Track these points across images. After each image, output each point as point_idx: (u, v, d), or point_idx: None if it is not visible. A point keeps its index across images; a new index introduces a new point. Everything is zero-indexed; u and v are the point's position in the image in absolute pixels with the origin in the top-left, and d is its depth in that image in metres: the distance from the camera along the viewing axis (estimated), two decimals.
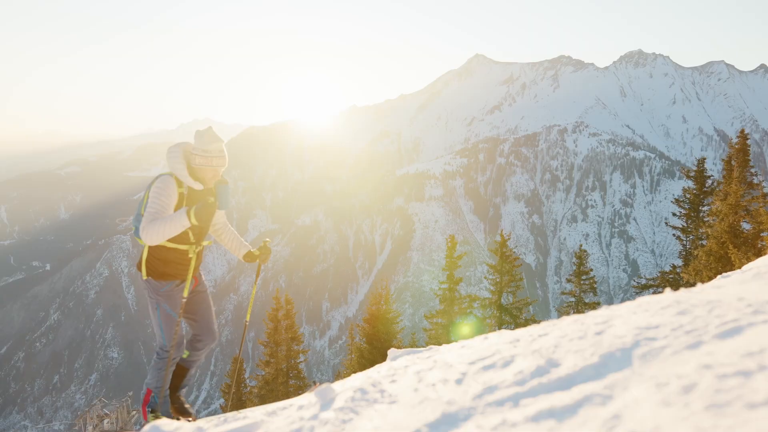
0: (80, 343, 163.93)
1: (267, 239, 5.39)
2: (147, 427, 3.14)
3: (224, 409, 25.99)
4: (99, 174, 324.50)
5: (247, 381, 26.63)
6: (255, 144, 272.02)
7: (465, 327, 19.32)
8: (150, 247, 4.85)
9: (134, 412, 29.13)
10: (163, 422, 3.28)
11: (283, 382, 23.62)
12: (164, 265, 4.83)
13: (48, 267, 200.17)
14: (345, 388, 2.94)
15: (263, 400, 23.09)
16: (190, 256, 4.87)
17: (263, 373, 24.01)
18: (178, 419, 5.18)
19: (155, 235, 4.50)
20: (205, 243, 5.06)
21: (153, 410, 5.09)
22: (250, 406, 22.79)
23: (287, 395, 22.84)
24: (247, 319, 6.18)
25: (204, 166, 4.78)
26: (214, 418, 3.71)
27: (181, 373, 5.41)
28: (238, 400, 25.43)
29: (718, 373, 1.49)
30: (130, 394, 30.29)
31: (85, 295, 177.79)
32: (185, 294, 4.91)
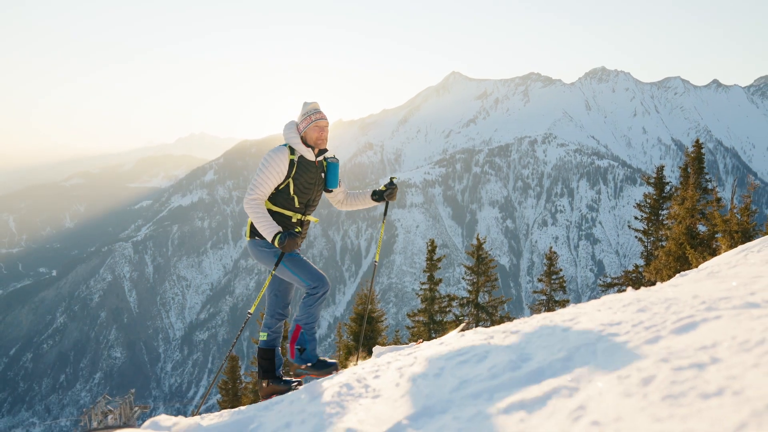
0: (85, 344, 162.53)
1: (394, 176, 5.19)
2: (147, 422, 3.11)
3: (221, 404, 25.84)
4: (102, 185, 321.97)
5: (242, 377, 26.44)
6: (248, 156, 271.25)
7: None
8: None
9: (137, 408, 28.83)
10: (162, 418, 3.26)
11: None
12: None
13: (54, 273, 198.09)
14: (332, 383, 2.95)
15: (258, 395, 22.94)
16: (294, 221, 4.74)
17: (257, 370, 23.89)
18: (326, 363, 4.98)
19: (250, 215, 4.54)
20: (311, 218, 4.92)
21: (301, 348, 4.88)
22: (246, 402, 22.66)
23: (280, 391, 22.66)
24: (377, 259, 6.08)
25: (307, 126, 4.64)
26: (212, 414, 3.69)
27: (269, 356, 5.17)
28: (234, 396, 25.29)
29: (675, 365, 1.51)
30: (133, 391, 30.01)
31: (89, 299, 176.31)
32: (273, 269, 4.79)
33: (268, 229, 4.47)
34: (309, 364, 4.87)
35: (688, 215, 18.47)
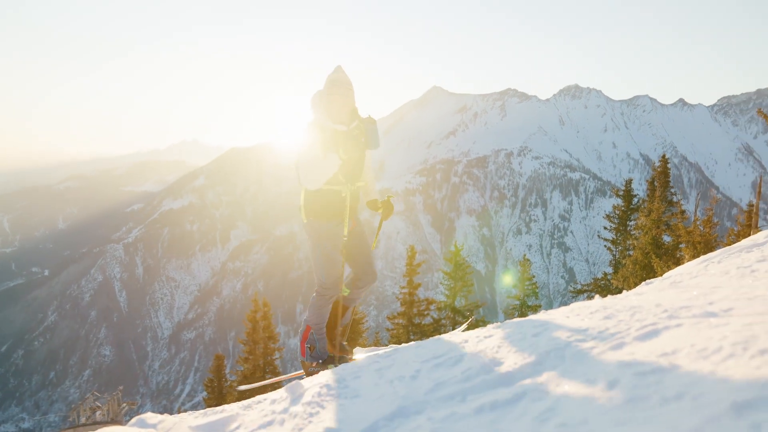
0: (75, 342, 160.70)
1: (391, 195, 4.99)
2: (134, 420, 3.08)
3: (207, 402, 25.62)
4: (95, 188, 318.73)
5: (228, 376, 26.23)
6: (238, 162, 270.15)
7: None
8: (305, 191, 4.67)
9: (124, 404, 28.47)
10: (148, 415, 3.23)
11: (261, 376, 23.34)
12: (321, 207, 4.60)
13: (46, 273, 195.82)
14: (313, 384, 2.94)
15: (242, 393, 22.80)
16: (343, 195, 4.60)
17: (242, 369, 23.73)
18: (334, 357, 4.91)
19: (311, 179, 4.44)
20: (360, 184, 4.74)
21: (311, 346, 4.86)
22: (231, 399, 22.44)
23: (264, 389, 22.57)
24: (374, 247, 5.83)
25: (330, 96, 4.47)
26: (196, 412, 3.66)
27: (341, 311, 5.09)
28: (219, 394, 25.09)
29: (637, 371, 1.53)
30: (121, 388, 29.63)
31: (80, 298, 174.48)
32: (345, 233, 4.66)
33: (327, 157, 4.46)
34: (320, 361, 4.88)
35: (654, 226, 18.66)
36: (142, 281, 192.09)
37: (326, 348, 4.93)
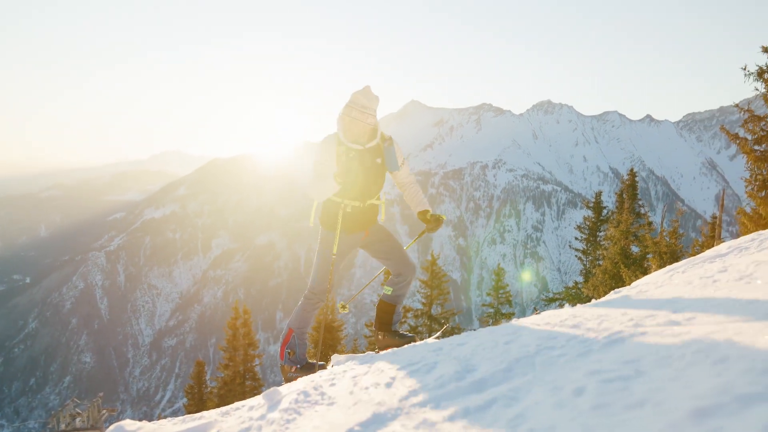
0: (56, 349, 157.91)
1: (443, 216, 4.95)
2: (112, 427, 3.03)
3: (187, 408, 25.27)
4: (77, 197, 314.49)
5: (208, 382, 25.94)
6: (220, 173, 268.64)
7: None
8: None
9: (104, 411, 27.97)
10: (127, 422, 3.17)
11: (240, 383, 23.14)
12: (325, 215, 4.65)
13: (28, 280, 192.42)
14: (290, 390, 2.92)
15: (222, 399, 22.58)
16: (348, 210, 4.59)
17: (222, 375, 23.49)
18: (314, 365, 4.79)
19: (313, 192, 4.50)
20: (372, 201, 4.68)
21: (291, 351, 4.80)
22: (211, 405, 22.15)
23: (244, 395, 22.40)
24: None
25: (346, 116, 4.43)
26: (175, 419, 3.61)
27: (389, 310, 4.96)
28: (199, 400, 24.79)
29: (603, 378, 1.53)
30: (101, 394, 29.14)
31: (61, 306, 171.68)
32: (334, 250, 4.61)
33: (318, 190, 4.54)
34: (298, 366, 4.82)
35: (622, 237, 18.88)
36: (124, 289, 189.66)
37: (305, 354, 4.88)
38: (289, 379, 4.81)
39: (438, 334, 5.23)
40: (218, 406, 21.57)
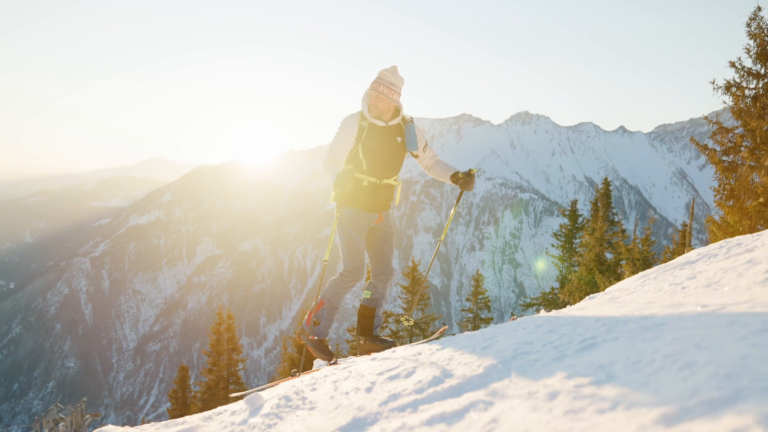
0: (39, 354, 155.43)
1: (473, 169, 4.77)
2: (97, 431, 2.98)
3: (171, 412, 24.96)
4: (62, 203, 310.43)
5: (192, 387, 25.68)
6: (205, 180, 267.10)
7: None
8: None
9: (87, 416, 27.57)
10: (109, 428, 3.13)
11: (224, 387, 22.96)
12: (353, 182, 4.43)
13: (12, 285, 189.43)
14: (272, 395, 2.90)
15: (206, 403, 22.36)
16: (365, 184, 4.51)
17: (206, 380, 23.29)
18: (331, 351, 4.73)
19: (323, 173, 4.47)
20: (389, 181, 4.65)
21: (317, 321, 4.72)
22: (195, 410, 21.88)
23: (227, 399, 22.21)
24: (441, 238, 5.58)
25: (371, 91, 4.43)
26: (158, 424, 3.57)
27: (369, 314, 4.90)
28: (183, 404, 24.53)
29: (577, 383, 1.54)
30: (84, 399, 28.75)
31: (45, 311, 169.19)
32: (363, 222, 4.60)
33: (328, 180, 4.44)
34: (315, 338, 4.76)
35: (597, 244, 19.07)
36: (108, 294, 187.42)
37: (328, 331, 4.80)
38: (301, 342, 4.72)
39: (435, 336, 5.21)
40: (202, 410, 21.36)
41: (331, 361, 4.62)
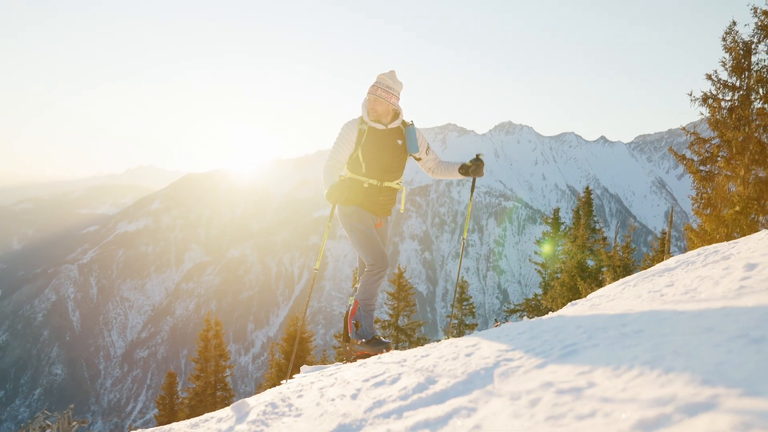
0: (26, 361, 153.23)
1: (480, 153, 4.82)
2: None
3: (158, 419, 24.68)
4: (51, 210, 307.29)
5: (180, 393, 25.42)
6: (193, 188, 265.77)
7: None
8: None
9: (74, 422, 27.19)
10: None
11: (212, 393, 22.76)
12: (348, 191, 4.39)
13: None
14: (258, 402, 2.88)
15: (193, 410, 22.15)
16: (365, 186, 4.45)
17: (194, 386, 23.07)
18: (379, 340, 4.57)
19: (321, 178, 4.44)
20: (391, 184, 4.59)
21: (357, 323, 4.58)
22: (182, 416, 21.65)
23: (215, 405, 22.04)
24: (465, 236, 5.61)
25: (370, 98, 4.42)
26: (145, 430, 3.53)
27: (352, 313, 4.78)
28: (171, 411, 24.29)
29: (557, 389, 1.55)
30: (72, 406, 28.37)
31: (33, 318, 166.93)
32: (359, 222, 4.48)
33: (324, 185, 4.39)
34: (363, 340, 4.62)
35: (579, 251, 19.19)
36: (96, 301, 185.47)
37: (372, 326, 4.67)
38: (354, 352, 4.65)
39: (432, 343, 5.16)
40: (189, 416, 21.16)
41: (391, 349, 4.53)
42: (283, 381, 4.77)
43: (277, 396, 2.89)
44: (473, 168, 4.74)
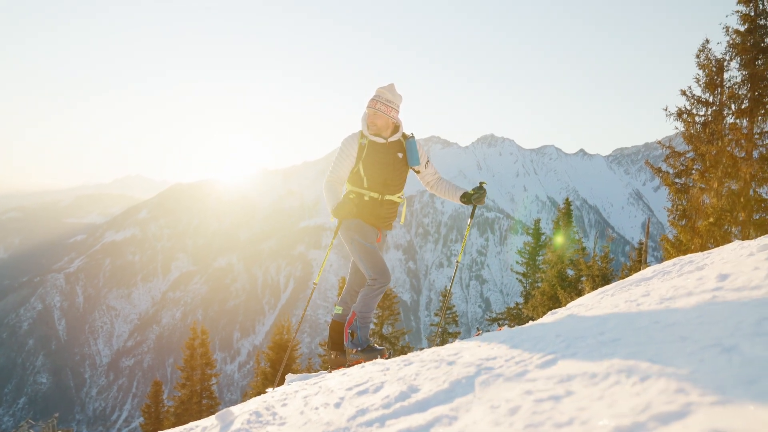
0: (11, 370, 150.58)
1: (484, 182, 4.79)
2: None
3: (143, 427, 24.32)
4: (38, 219, 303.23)
5: (165, 401, 25.11)
6: (181, 197, 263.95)
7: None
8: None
9: (59, 431, 26.69)
10: None
11: (197, 401, 22.52)
12: (355, 208, 4.40)
13: None
14: (243, 411, 2.85)
15: (179, 418, 21.88)
16: (366, 199, 4.41)
17: (180, 394, 22.81)
18: (373, 347, 4.49)
19: (324, 195, 4.44)
20: (393, 197, 4.55)
21: (353, 332, 4.49)
22: (168, 424, 21.35)
23: (201, 413, 21.80)
24: (459, 259, 5.52)
25: (369, 112, 4.39)
26: None
27: (339, 329, 4.83)
28: (156, 419, 23.98)
29: (537, 397, 1.55)
30: (56, 415, 27.96)
31: (18, 327, 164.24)
32: (363, 238, 4.46)
33: (329, 203, 4.39)
34: (358, 349, 4.56)
35: (559, 261, 19.30)
36: (83, 310, 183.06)
37: (367, 336, 4.60)
38: (350, 362, 4.60)
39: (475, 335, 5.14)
40: (175, 424, 20.89)
41: (386, 355, 4.50)
42: (268, 389, 4.72)
43: (261, 405, 2.87)
44: (476, 197, 4.72)
